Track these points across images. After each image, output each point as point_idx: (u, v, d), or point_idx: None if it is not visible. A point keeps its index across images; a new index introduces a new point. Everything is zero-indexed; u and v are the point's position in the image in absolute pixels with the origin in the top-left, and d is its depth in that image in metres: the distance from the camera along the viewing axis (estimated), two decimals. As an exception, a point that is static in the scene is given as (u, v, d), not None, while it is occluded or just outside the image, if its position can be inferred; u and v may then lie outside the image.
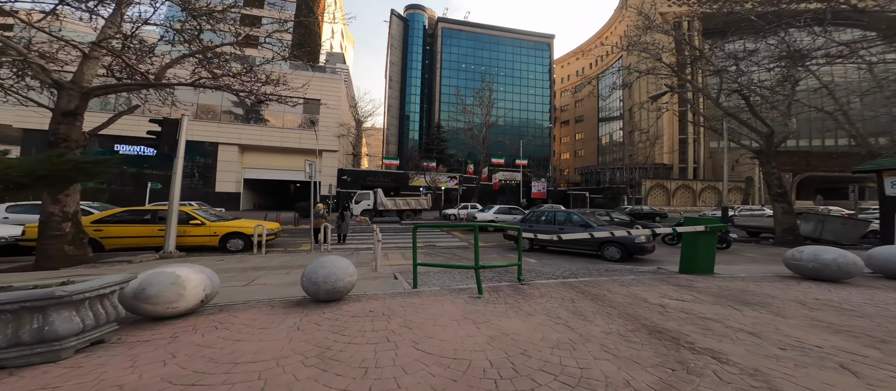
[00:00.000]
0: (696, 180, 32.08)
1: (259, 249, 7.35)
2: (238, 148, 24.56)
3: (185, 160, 23.21)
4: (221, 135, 23.84)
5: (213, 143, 23.72)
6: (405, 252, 8.22)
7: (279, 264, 6.26)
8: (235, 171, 24.48)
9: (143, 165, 21.85)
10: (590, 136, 59.62)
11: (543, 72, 56.59)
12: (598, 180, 39.98)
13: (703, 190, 30.53)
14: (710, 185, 30.79)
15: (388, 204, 18.57)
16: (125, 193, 19.58)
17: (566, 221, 7.99)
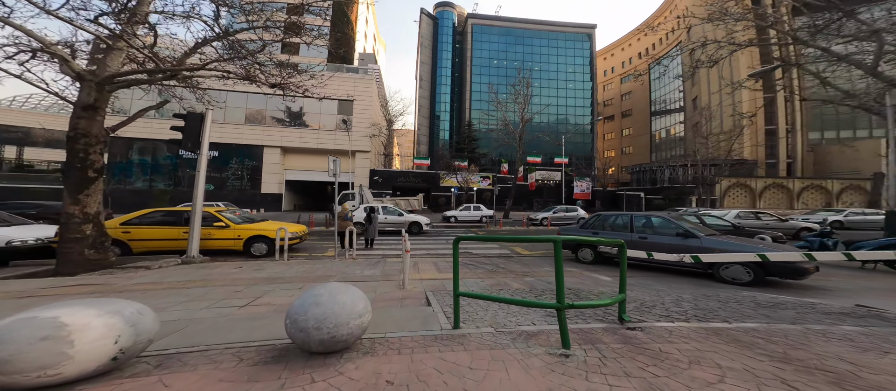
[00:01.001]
0: (793, 178, 25.96)
1: (281, 255, 6.73)
2: (280, 150, 25.87)
3: (234, 163, 24.71)
4: (266, 137, 25.31)
5: (259, 145, 25.27)
6: (439, 261, 7.03)
7: (296, 274, 5.46)
8: (278, 173, 25.80)
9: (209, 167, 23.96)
10: (640, 131, 53.30)
11: (584, 64, 52.01)
12: (653, 179, 35.04)
13: (804, 189, 24.53)
14: (813, 183, 24.61)
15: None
16: (184, 195, 21.67)
17: (649, 228, 6.04)
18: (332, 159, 7.14)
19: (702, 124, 21.24)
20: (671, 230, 5.71)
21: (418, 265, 6.65)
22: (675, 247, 5.32)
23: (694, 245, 5.23)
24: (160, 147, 23.19)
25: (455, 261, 2.77)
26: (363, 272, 5.91)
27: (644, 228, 6.08)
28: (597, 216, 6.92)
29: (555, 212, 17.30)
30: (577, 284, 4.78)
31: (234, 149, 24.69)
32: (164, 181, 22.98)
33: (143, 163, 22.77)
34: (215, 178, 24.01)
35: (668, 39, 47.52)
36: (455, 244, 2.76)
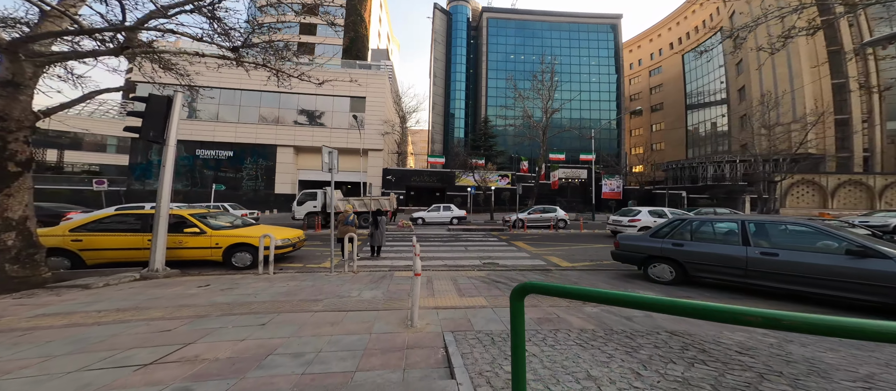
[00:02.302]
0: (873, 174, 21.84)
1: (266, 267, 5.45)
2: (293, 149, 25.44)
3: (251, 164, 24.31)
4: (279, 137, 24.96)
5: (272, 145, 24.96)
6: (459, 277, 5.49)
7: (272, 298, 4.11)
8: (291, 173, 25.38)
9: (219, 168, 23.97)
10: (674, 125, 48.96)
11: (608, 57, 48.57)
12: (692, 177, 31.43)
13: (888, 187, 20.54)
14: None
15: (341, 206, 14.66)
16: (200, 195, 21.60)
17: (777, 240, 4.09)
18: (328, 150, 5.79)
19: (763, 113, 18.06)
20: (828, 245, 3.70)
21: (432, 283, 5.12)
22: (840, 273, 3.40)
23: (888, 271, 3.27)
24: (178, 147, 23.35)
25: (517, 342, 1.22)
26: (361, 294, 4.48)
27: (770, 240, 4.08)
28: (674, 222, 5.05)
29: (530, 212, 15.36)
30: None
31: (248, 148, 24.53)
32: (182, 182, 23.13)
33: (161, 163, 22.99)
34: (230, 178, 23.92)
35: (704, 27, 43.21)
36: (517, 301, 1.19)
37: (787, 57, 28.76)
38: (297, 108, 25.81)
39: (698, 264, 4.52)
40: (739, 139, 32.02)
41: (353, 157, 25.51)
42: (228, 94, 24.47)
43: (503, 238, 11.82)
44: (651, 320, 3.29)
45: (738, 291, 4.42)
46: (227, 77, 24.03)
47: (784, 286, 3.79)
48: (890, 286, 3.22)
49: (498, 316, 3.68)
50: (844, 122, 25.44)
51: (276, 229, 6.85)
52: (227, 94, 24.50)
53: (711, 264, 4.38)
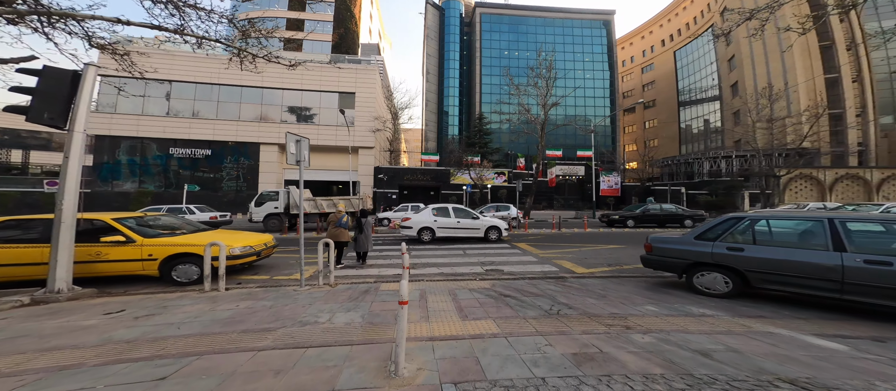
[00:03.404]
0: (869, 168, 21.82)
1: (214, 281, 4.29)
2: (278, 148, 23.98)
3: (231, 163, 22.47)
4: (262, 135, 23.47)
5: (255, 143, 23.45)
6: (460, 291, 4.45)
7: (206, 327, 3.01)
8: (276, 172, 23.92)
9: (196, 168, 22.34)
10: (666, 122, 49.04)
11: (602, 53, 48.31)
12: (688, 173, 31.19)
13: (885, 180, 20.54)
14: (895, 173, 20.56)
15: (308, 207, 12.73)
16: (167, 196, 20.00)
17: (879, 238, 3.24)
18: (295, 139, 4.67)
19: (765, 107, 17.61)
20: None
21: (426, 299, 4.07)
22: None
23: None
24: (149, 146, 21.67)
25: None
26: (333, 319, 3.40)
27: (875, 244, 3.16)
28: (728, 221, 4.09)
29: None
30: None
31: (228, 147, 22.95)
32: (155, 182, 21.42)
33: (131, 163, 21.27)
34: (209, 178, 22.32)
35: (695, 24, 43.33)
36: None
37: (779, 52, 28.73)
38: (282, 104, 24.37)
39: (766, 274, 3.58)
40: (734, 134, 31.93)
41: (343, 155, 24.24)
42: (205, 89, 22.87)
43: (504, 239, 10.84)
44: (741, 357, 2.31)
45: (829, 307, 3.51)
46: (204, 71, 22.45)
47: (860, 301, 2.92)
48: None
49: (515, 350, 2.66)
50: (838, 116, 25.49)
51: (236, 234, 5.68)
52: (203, 90, 22.89)
53: (787, 275, 3.45)
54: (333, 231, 6.93)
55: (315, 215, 13.09)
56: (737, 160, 26.61)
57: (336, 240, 6.87)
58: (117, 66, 5.52)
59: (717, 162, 28.04)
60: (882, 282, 2.91)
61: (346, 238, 6.96)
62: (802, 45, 27.56)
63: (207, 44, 5.88)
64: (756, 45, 30.97)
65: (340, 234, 6.91)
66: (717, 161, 28.10)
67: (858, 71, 26.57)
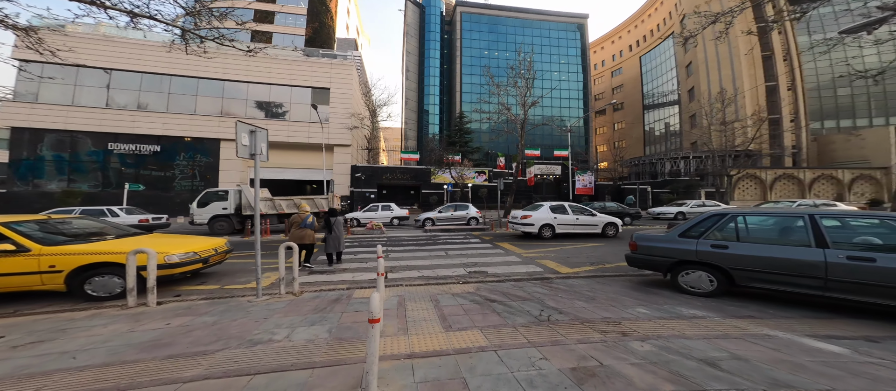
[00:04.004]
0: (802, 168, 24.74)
1: (143, 296, 3.51)
2: None
3: (185, 160, 20.03)
4: (223, 130, 21.39)
5: (214, 139, 21.32)
6: (443, 297, 4.05)
7: (113, 355, 2.36)
8: (240, 170, 21.94)
9: (142, 165, 19.81)
10: (633, 124, 52.35)
11: (577, 56, 50.36)
12: (652, 173, 33.41)
13: (815, 180, 23.39)
14: (824, 173, 23.52)
15: (264, 207, 11.37)
16: (105, 197, 17.49)
17: (866, 240, 3.21)
18: (248, 130, 4.00)
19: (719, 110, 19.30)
20: None
21: (404, 307, 3.63)
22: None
23: None
24: (82, 140, 18.83)
25: None
26: (292, 335, 2.86)
27: (855, 240, 3.17)
28: (711, 217, 4.08)
29: (440, 210, 14.20)
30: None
31: (181, 143, 20.64)
32: (88, 181, 18.64)
33: (58, 159, 18.30)
34: (157, 177, 19.89)
35: (658, 31, 46.62)
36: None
37: (730, 60, 31.67)
38: (247, 98, 22.40)
39: (751, 272, 3.52)
40: (691, 136, 34.71)
41: (318, 153, 22.87)
42: (153, 79, 20.37)
43: (486, 239, 10.62)
44: (750, 367, 2.14)
45: (811, 305, 3.52)
46: (152, 59, 20.02)
47: (892, 303, 2.84)
48: None
49: (507, 367, 2.32)
50: (776, 121, 28.62)
51: (177, 239, 4.82)
52: (151, 80, 20.38)
53: (771, 272, 3.40)
54: (297, 233, 6.28)
55: (273, 217, 11.92)
56: (693, 161, 28.94)
57: (300, 242, 6.24)
58: (39, 50, 4.46)
59: (677, 162, 30.30)
60: (865, 278, 2.88)
61: (310, 240, 6.34)
62: (748, 55, 30.60)
63: (144, 23, 4.94)
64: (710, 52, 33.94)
65: (305, 236, 6.28)
66: (676, 161, 30.36)
67: (793, 80, 30.05)
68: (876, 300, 2.90)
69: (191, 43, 5.85)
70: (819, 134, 30.86)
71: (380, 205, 15.64)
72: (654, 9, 47.49)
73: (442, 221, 13.80)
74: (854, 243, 3.17)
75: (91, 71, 19.15)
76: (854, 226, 3.39)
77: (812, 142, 29.62)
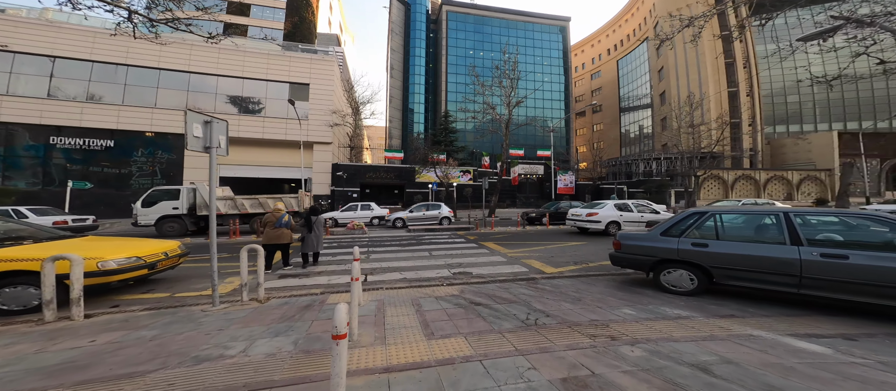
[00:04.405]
0: (758, 170, 26.93)
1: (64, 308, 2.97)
2: None
3: (143, 156, 18.32)
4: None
5: (178, 134, 19.66)
6: (425, 301, 3.80)
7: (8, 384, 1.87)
8: (208, 168, 20.38)
9: (92, 162, 17.87)
10: (610, 126, 54.61)
11: (559, 58, 51.73)
12: (628, 173, 34.99)
13: (769, 180, 25.50)
14: (777, 175, 25.71)
15: (223, 206, 10.46)
16: (46, 196, 15.60)
17: (838, 238, 3.25)
18: (202, 120, 3.55)
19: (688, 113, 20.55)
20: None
21: (383, 315, 3.35)
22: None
23: None
24: (19, 133, 16.69)
25: None
26: (247, 351, 2.51)
27: (828, 238, 3.21)
28: (691, 216, 4.11)
29: (411, 210, 13.91)
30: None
31: (139, 138, 18.86)
32: (26, 178, 16.54)
33: (-11, 154, 16.13)
34: (110, 174, 18.02)
35: (634, 36, 48.91)
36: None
37: (697, 66, 33.77)
38: (217, 92, 20.86)
39: (729, 270, 3.52)
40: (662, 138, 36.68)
41: (297, 151, 21.79)
42: (106, 69, 18.45)
43: (471, 238, 10.47)
44: (742, 371, 2.06)
45: (785, 302, 3.56)
46: (104, 48, 18.15)
47: (864, 300, 2.88)
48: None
49: (494, 380, 2.12)
50: (737, 125, 30.90)
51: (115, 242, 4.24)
52: (104, 70, 18.45)
53: (748, 270, 3.41)
54: (272, 233, 5.81)
55: (237, 216, 10.98)
56: (664, 161, 30.60)
57: (275, 242, 5.80)
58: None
59: (650, 163, 31.90)
60: (838, 275, 2.90)
61: (287, 239, 5.90)
62: (713, 61, 32.79)
63: (84, 2, 4.29)
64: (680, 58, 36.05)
65: (281, 236, 5.82)
66: (649, 162, 31.96)
67: (751, 87, 32.59)
68: (848, 297, 2.94)
69: (139, 28, 5.20)
70: (772, 138, 33.72)
71: (359, 204, 15.10)
72: (630, 14, 49.76)
73: (413, 221, 13.50)
74: (827, 241, 3.24)
75: (31, 57, 17.04)
76: (827, 223, 3.50)
77: (766, 145, 32.30)
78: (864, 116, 33.47)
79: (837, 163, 25.68)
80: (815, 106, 35.69)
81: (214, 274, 3.51)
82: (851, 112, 34.39)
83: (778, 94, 36.12)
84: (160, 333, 2.82)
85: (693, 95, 24.04)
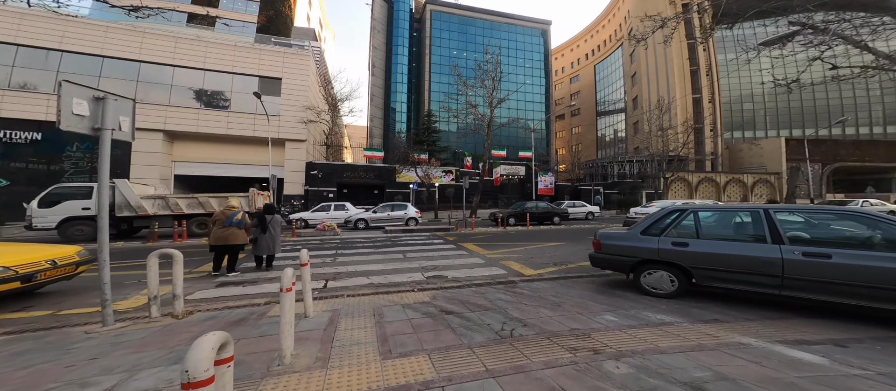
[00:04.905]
0: (719, 173, 28.92)
1: None
2: (163, 135, 18.57)
3: (79, 150, 16.26)
4: (137, 117, 17.74)
5: (126, 127, 17.57)
6: (387, 304, 3.30)
7: None
8: (161, 165, 18.48)
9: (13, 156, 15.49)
10: (588, 129, 56.73)
11: (540, 60, 52.96)
12: (604, 175, 36.35)
13: (728, 183, 27.43)
14: (734, 178, 27.76)
15: (150, 207, 9.41)
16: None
17: (822, 235, 3.14)
18: (92, 96, 2.83)
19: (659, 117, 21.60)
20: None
21: (335, 329, 2.83)
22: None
23: None
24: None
25: None
26: (118, 387, 1.87)
27: (810, 237, 3.04)
28: (670, 213, 3.92)
29: (375, 210, 13.36)
30: None
31: (78, 130, 16.62)
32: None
33: None
34: (35, 170, 15.71)
35: (610, 42, 51.16)
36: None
37: (666, 72, 35.80)
38: (173, 83, 18.97)
39: (710, 270, 3.32)
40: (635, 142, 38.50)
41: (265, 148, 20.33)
42: (34, 54, 16.15)
43: (450, 239, 10.06)
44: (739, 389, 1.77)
45: (765, 303, 3.37)
46: (30, 30, 15.91)
47: (848, 301, 2.69)
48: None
49: None
50: (700, 130, 33.09)
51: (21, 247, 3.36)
52: (32, 56, 16.14)
53: (729, 270, 3.21)
54: (220, 232, 5.10)
55: (168, 218, 9.78)
56: (636, 164, 32.05)
57: (224, 243, 5.10)
58: None
59: (623, 165, 33.30)
60: (821, 276, 2.72)
61: (240, 240, 5.21)
62: (680, 68, 34.91)
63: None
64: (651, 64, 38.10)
65: (230, 237, 5.13)
66: (623, 165, 33.35)
67: (712, 94, 35.05)
68: (830, 298, 2.77)
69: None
70: (730, 142, 36.46)
71: (332, 204, 14.22)
72: (607, 20, 51.99)
73: (377, 222, 12.69)
74: (809, 239, 3.07)
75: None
76: (810, 221, 3.37)
77: (725, 149, 34.84)
78: (807, 125, 37.11)
79: (785, 167, 28.09)
80: (766, 114, 39.08)
81: (104, 286, 2.81)
82: (796, 120, 38.01)
83: (736, 101, 39.17)
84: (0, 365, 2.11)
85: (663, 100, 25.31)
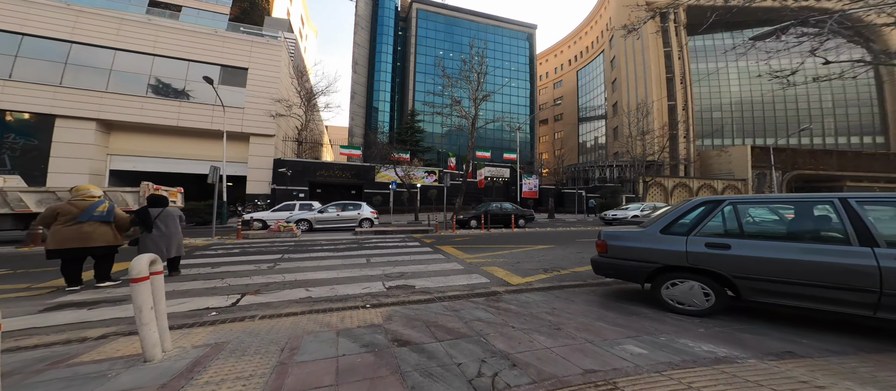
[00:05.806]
0: (692, 178, 29.90)
1: None
2: (96, 124, 16.11)
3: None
4: (60, 103, 15.24)
5: (47, 115, 15.09)
6: (311, 338, 2.08)
7: None
8: (93, 158, 15.97)
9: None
10: (570, 134, 57.92)
11: (525, 64, 53.56)
12: (586, 179, 36.70)
13: (700, 188, 28.41)
14: (706, 183, 28.82)
15: (31, 203, 7.90)
16: None
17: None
18: None
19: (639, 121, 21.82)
20: None
21: (191, 379, 1.52)
22: None
23: None
24: None
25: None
26: None
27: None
28: (704, 205, 2.96)
29: (321, 210, 11.87)
30: None
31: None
32: None
33: None
34: None
35: (592, 48, 52.68)
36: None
37: (644, 79, 36.98)
38: (112, 68, 16.58)
39: (762, 282, 2.40)
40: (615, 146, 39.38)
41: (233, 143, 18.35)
42: None
43: (427, 241, 8.92)
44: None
45: (851, 326, 2.43)
46: None
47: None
48: None
49: None
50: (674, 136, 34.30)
51: None
52: None
53: (792, 282, 2.30)
54: (66, 232, 3.65)
55: (8, 218, 7.92)
56: (616, 168, 32.60)
57: (75, 246, 3.68)
58: None
59: (604, 170, 33.81)
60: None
61: (99, 241, 3.79)
62: (657, 76, 36.20)
63: None
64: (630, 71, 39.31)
65: (86, 237, 3.70)
66: (603, 169, 33.85)
67: (686, 101, 36.63)
68: None
69: None
70: (701, 149, 38.20)
71: (297, 203, 12.66)
72: (590, 27, 53.53)
73: (323, 223, 10.91)
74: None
75: None
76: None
77: (697, 155, 36.41)
78: (768, 134, 39.70)
79: (751, 173, 29.50)
80: (733, 123, 41.48)
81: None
82: (759, 130, 40.63)
83: (706, 110, 41.30)
84: None
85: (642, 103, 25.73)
